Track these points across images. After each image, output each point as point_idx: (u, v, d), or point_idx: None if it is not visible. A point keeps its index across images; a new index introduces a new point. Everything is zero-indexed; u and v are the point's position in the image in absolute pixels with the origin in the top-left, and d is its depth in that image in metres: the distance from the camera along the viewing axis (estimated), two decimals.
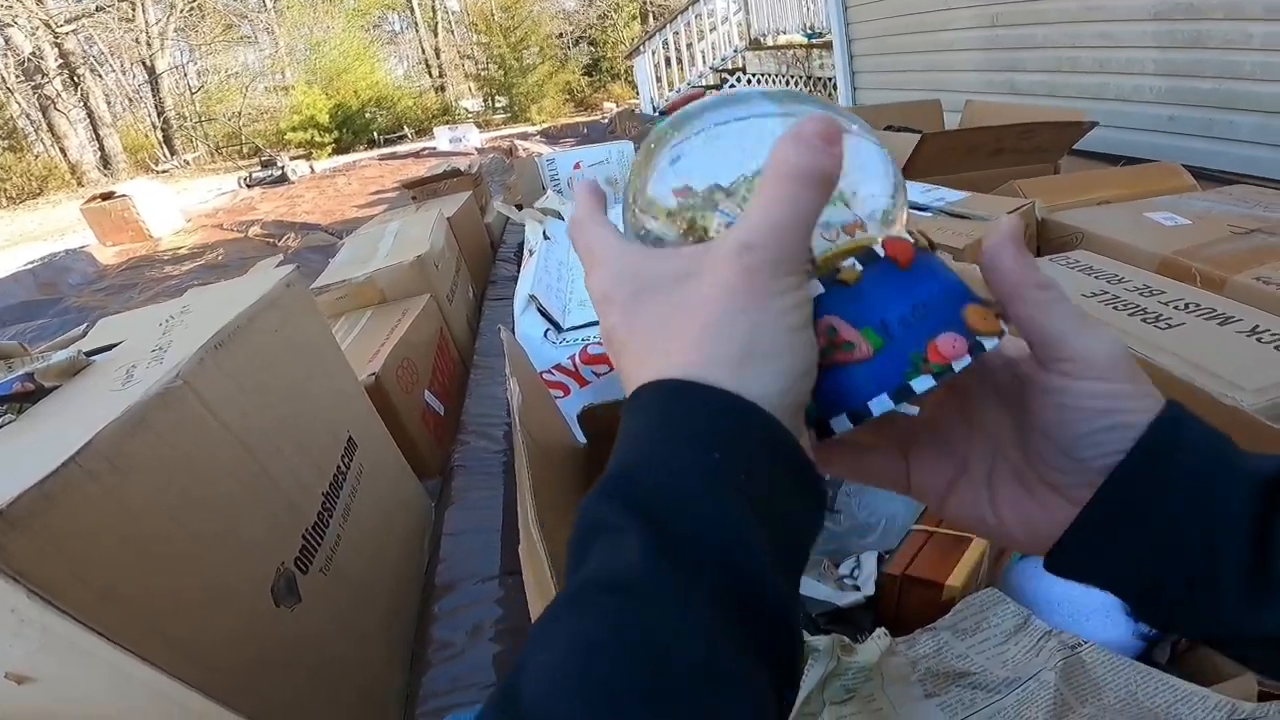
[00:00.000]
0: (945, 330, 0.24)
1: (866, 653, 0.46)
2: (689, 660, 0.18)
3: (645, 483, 0.20)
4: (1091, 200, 1.20)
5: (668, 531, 0.19)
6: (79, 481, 0.43)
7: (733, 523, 0.20)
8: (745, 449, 0.21)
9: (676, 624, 0.18)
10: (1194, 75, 2.34)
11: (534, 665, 0.18)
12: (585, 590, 0.19)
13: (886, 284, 0.25)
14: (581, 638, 0.18)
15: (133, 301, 3.34)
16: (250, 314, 0.65)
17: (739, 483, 0.20)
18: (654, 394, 0.22)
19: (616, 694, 0.17)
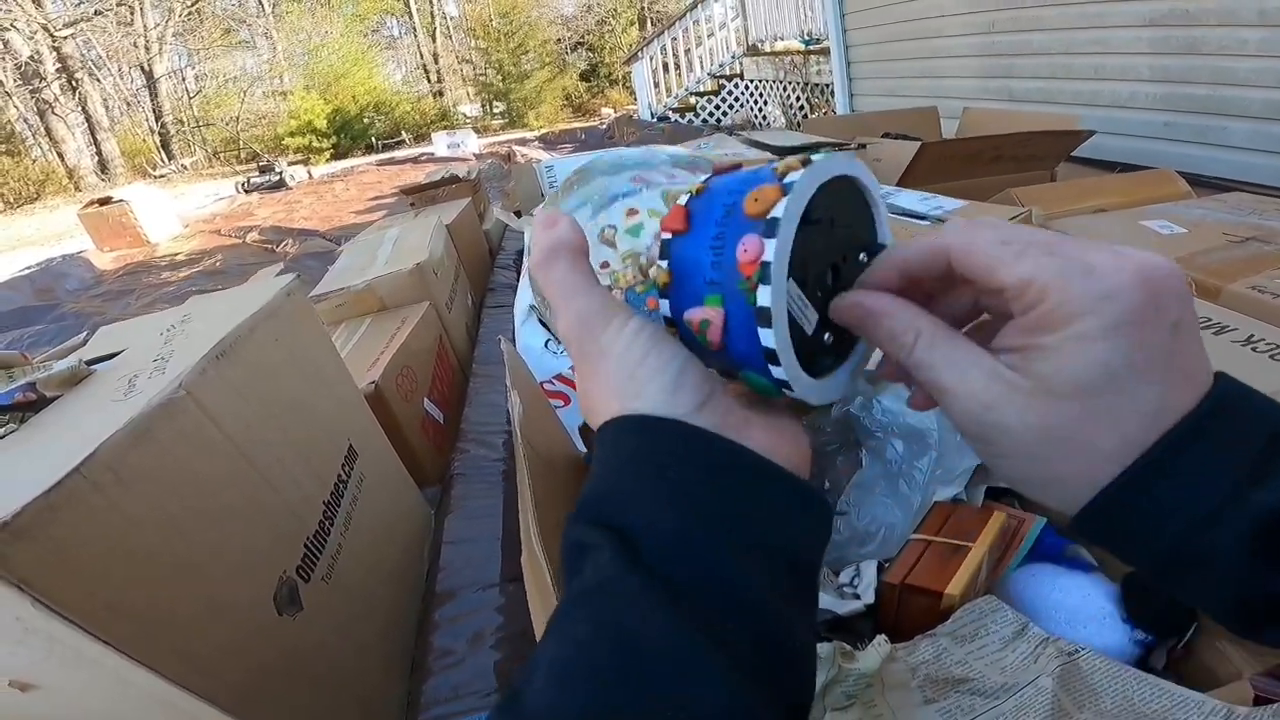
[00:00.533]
0: (737, 245, 0.25)
1: (867, 660, 0.46)
2: (656, 647, 0.20)
3: (614, 505, 0.23)
4: (1088, 208, 1.21)
5: (634, 545, 0.22)
6: (83, 492, 0.44)
7: (683, 534, 0.22)
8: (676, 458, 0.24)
9: (643, 615, 0.21)
10: (1189, 81, 2.35)
11: (536, 669, 0.21)
12: (574, 600, 0.22)
13: (684, 256, 0.26)
14: (570, 636, 0.21)
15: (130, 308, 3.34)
16: (251, 324, 0.66)
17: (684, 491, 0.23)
18: (612, 430, 0.25)
19: (597, 678, 0.20)
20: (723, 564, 0.22)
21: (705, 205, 0.26)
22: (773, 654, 0.22)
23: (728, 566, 0.22)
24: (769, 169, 0.26)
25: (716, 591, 0.21)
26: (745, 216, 0.25)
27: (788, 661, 0.22)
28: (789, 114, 6.05)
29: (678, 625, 0.21)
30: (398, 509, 0.90)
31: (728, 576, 0.22)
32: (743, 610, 0.21)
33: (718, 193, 0.26)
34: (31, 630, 0.42)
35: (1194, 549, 0.22)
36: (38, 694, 0.47)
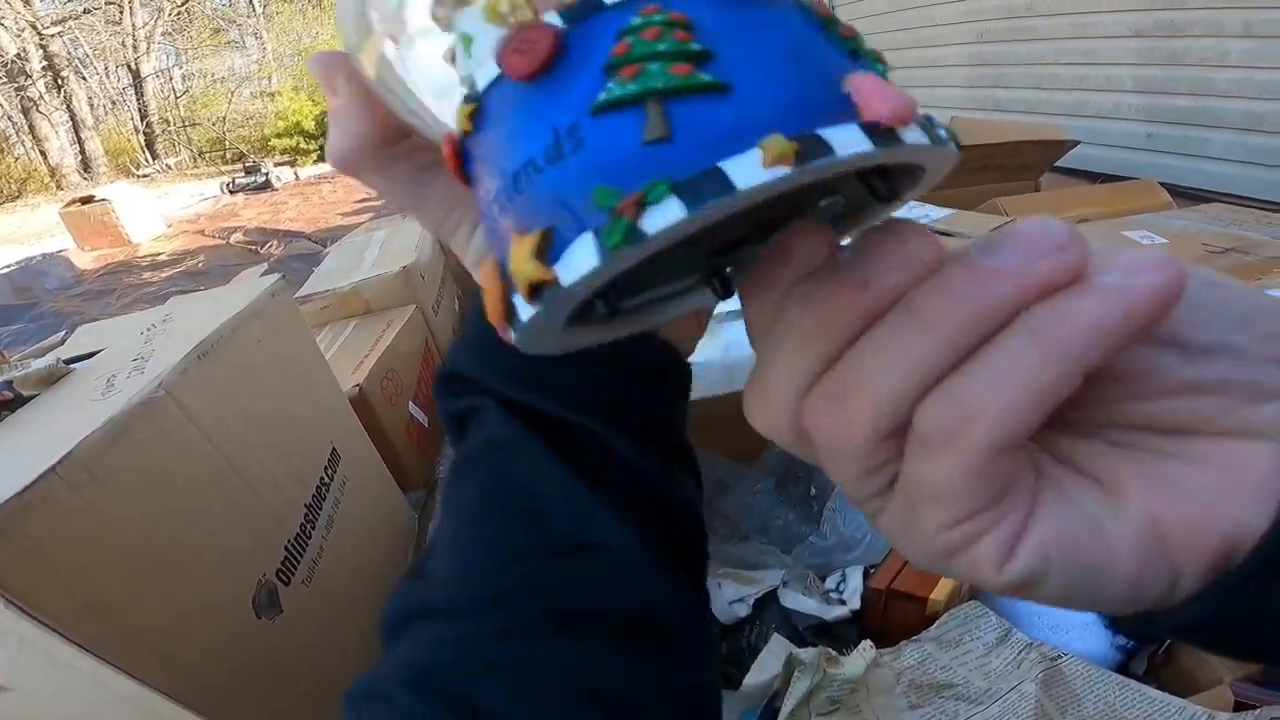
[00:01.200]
0: None
1: (852, 665, 0.46)
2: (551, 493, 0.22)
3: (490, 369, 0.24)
4: (1071, 218, 1.22)
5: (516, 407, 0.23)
6: (59, 492, 0.43)
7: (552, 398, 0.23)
8: None
9: (536, 467, 0.22)
10: (1171, 92, 2.38)
11: (441, 536, 0.23)
12: (467, 459, 0.24)
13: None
14: (469, 494, 0.23)
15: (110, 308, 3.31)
16: (234, 324, 0.65)
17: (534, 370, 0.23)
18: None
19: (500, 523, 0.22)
20: (590, 424, 0.23)
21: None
22: (649, 502, 0.23)
23: (604, 429, 0.23)
24: None
25: (595, 448, 0.23)
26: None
27: (662, 506, 0.23)
28: None
29: (566, 474, 0.22)
30: (381, 512, 0.89)
31: (604, 438, 0.23)
32: (620, 465, 0.23)
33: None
34: (4, 631, 0.41)
35: None
36: (9, 696, 0.46)
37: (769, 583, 0.58)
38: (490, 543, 0.21)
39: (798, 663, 0.45)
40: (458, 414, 0.25)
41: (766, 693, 0.45)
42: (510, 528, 0.22)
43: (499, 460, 0.23)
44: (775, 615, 0.56)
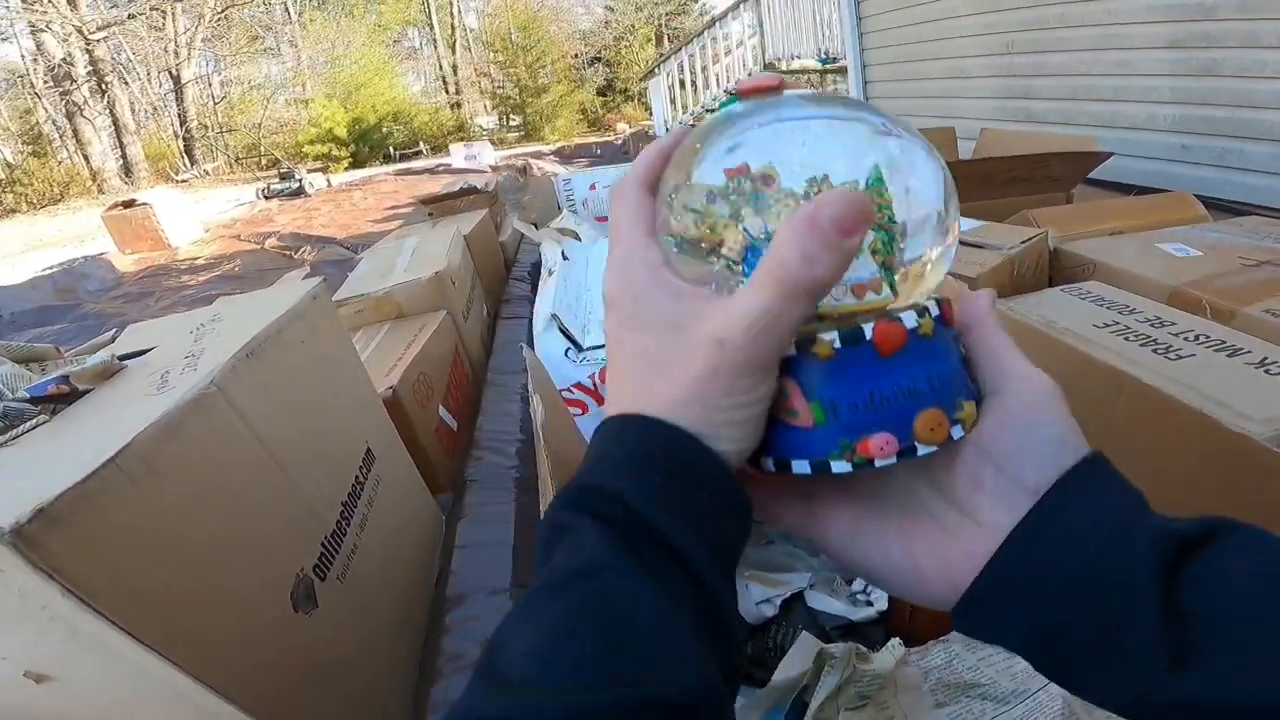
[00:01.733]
0: (884, 430, 0.25)
1: (881, 661, 0.47)
2: (644, 622, 0.22)
3: (606, 495, 0.25)
4: (1104, 230, 1.22)
5: (622, 529, 0.24)
6: (117, 482, 0.45)
7: (675, 526, 0.24)
8: (683, 477, 0.25)
9: (634, 594, 0.23)
10: (1208, 104, 2.35)
11: (518, 642, 0.22)
12: (556, 581, 0.24)
13: (856, 367, 0.26)
14: (555, 610, 0.23)
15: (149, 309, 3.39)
16: (279, 325, 0.67)
17: (674, 499, 0.25)
18: (624, 425, 0.27)
19: (588, 646, 0.21)
20: (696, 559, 0.24)
21: (910, 352, 0.26)
22: (724, 633, 0.24)
23: (700, 561, 0.24)
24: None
25: (689, 581, 0.24)
26: (914, 420, 0.26)
27: (731, 638, 0.25)
28: None
29: (662, 604, 0.23)
30: (411, 512, 0.91)
31: (698, 571, 0.24)
32: (707, 598, 0.24)
33: (926, 353, 0.26)
34: (56, 619, 0.43)
35: (1108, 558, 0.24)
36: (52, 685, 0.47)
37: (796, 584, 0.58)
38: (577, 662, 0.21)
39: (828, 657, 0.46)
40: (559, 527, 0.25)
41: (794, 688, 0.46)
42: (597, 643, 0.22)
43: (593, 584, 0.23)
44: (802, 616, 0.56)
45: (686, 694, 0.21)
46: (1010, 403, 0.27)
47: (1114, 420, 0.62)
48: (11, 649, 0.44)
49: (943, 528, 0.27)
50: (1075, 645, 0.24)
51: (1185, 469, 0.57)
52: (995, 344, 0.28)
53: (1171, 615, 0.22)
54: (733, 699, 0.25)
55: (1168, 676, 0.22)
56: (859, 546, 0.29)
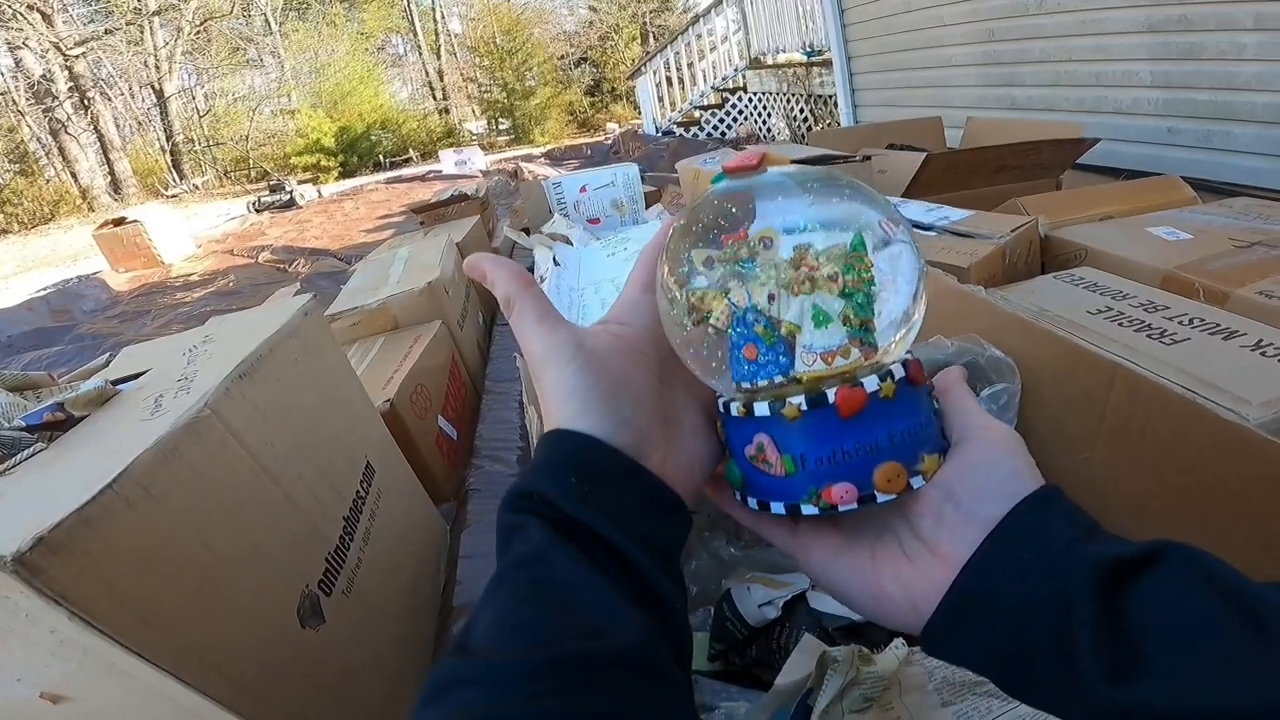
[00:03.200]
0: (847, 480, 0.30)
1: (885, 662, 0.47)
2: (584, 595, 0.27)
3: (539, 497, 0.30)
4: (1094, 216, 1.22)
5: (554, 523, 0.29)
6: (116, 508, 0.45)
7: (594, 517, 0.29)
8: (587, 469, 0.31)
9: (570, 573, 0.27)
10: (1190, 87, 2.36)
11: (479, 624, 0.27)
12: (510, 566, 0.28)
13: (821, 427, 0.30)
14: (509, 594, 0.27)
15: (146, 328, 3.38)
16: (271, 344, 0.67)
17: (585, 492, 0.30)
18: (549, 439, 0.32)
19: (538, 620, 0.26)
20: (622, 545, 0.29)
21: (869, 413, 0.30)
22: (663, 610, 0.29)
23: (625, 545, 0.29)
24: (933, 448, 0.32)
25: (620, 563, 0.29)
26: (874, 472, 0.30)
27: (672, 616, 0.29)
28: (793, 126, 6.08)
29: (594, 579, 0.27)
30: (414, 524, 0.91)
31: (626, 552, 0.29)
32: (638, 578, 0.29)
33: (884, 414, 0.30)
34: (66, 642, 0.43)
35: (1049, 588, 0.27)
36: (68, 706, 0.48)
37: (798, 586, 0.58)
38: (525, 627, 0.26)
39: (831, 660, 0.46)
40: (508, 527, 0.30)
41: (798, 692, 0.46)
42: (543, 615, 0.26)
43: (537, 568, 0.28)
44: (805, 617, 0.57)
45: (618, 644, 0.25)
46: (970, 449, 0.31)
47: (1109, 407, 0.62)
48: (26, 671, 0.45)
49: (910, 559, 0.31)
50: (1028, 665, 0.27)
51: (1183, 457, 0.57)
52: (962, 404, 0.34)
53: (1113, 631, 0.25)
54: (681, 662, 0.29)
55: (1114, 690, 0.24)
56: (836, 571, 0.33)
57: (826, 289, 0.30)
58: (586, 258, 1.46)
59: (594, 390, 0.32)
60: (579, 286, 1.30)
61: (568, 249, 1.49)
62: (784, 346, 0.31)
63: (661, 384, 0.35)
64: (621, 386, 0.33)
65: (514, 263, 0.37)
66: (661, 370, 0.35)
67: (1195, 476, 0.55)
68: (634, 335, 0.35)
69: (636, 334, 0.35)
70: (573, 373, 0.32)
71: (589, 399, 0.32)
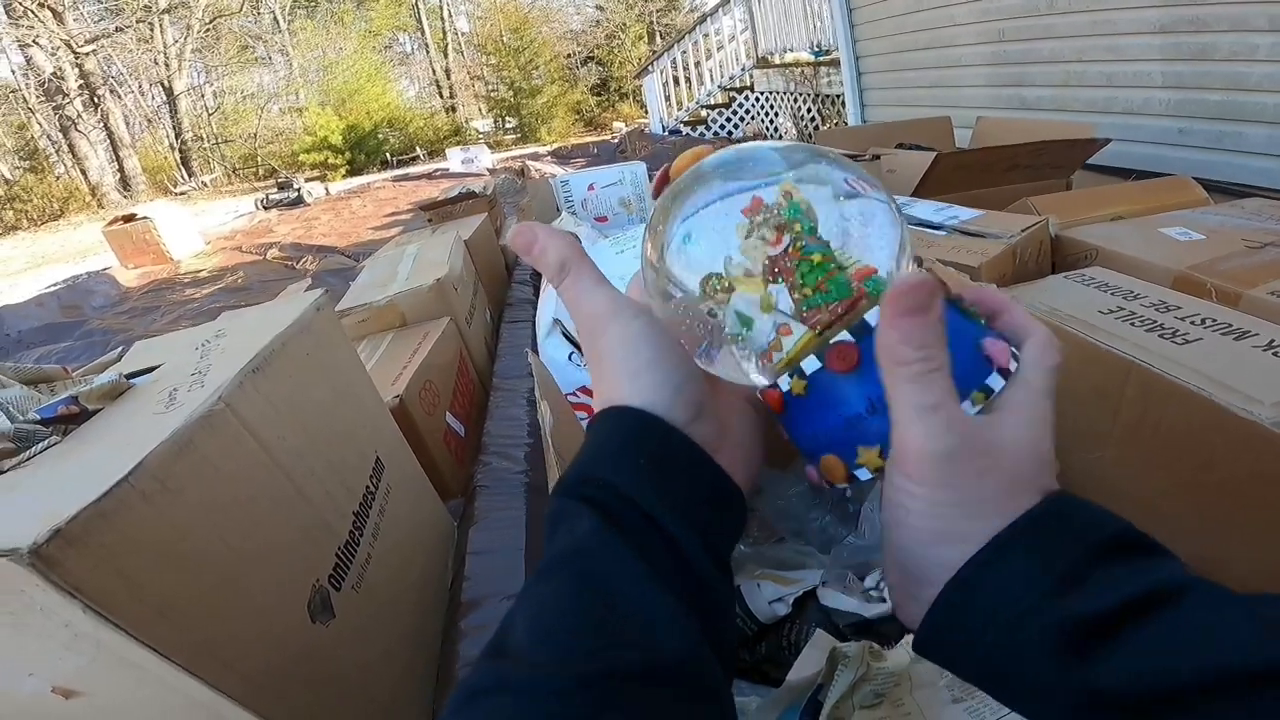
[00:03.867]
0: (813, 467, 0.31)
1: (896, 658, 0.47)
2: (630, 599, 0.25)
3: (597, 484, 0.28)
4: (1105, 216, 1.21)
5: (610, 514, 0.27)
6: (132, 501, 0.45)
7: (657, 506, 0.27)
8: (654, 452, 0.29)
9: (619, 571, 0.25)
10: (1202, 88, 2.34)
11: (519, 621, 0.25)
12: (556, 563, 0.26)
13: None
14: (552, 589, 0.26)
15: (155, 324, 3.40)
16: (284, 338, 0.67)
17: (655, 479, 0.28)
18: (611, 418, 0.30)
19: (580, 623, 0.24)
20: (685, 541, 0.27)
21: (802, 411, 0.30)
22: (715, 614, 0.27)
23: (688, 544, 0.27)
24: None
25: (677, 560, 0.27)
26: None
27: (724, 620, 0.28)
28: (800, 125, 6.07)
29: (652, 583, 0.25)
30: (423, 520, 0.91)
31: (688, 551, 0.27)
32: (694, 578, 0.27)
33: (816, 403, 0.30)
34: (80, 636, 0.43)
35: (1002, 655, 0.25)
36: (80, 701, 0.48)
37: (808, 582, 0.58)
38: (569, 632, 0.24)
39: (841, 656, 0.46)
40: (558, 515, 0.28)
41: (809, 688, 0.46)
42: (589, 621, 0.24)
43: (585, 563, 0.26)
44: (815, 614, 0.57)
45: (665, 658, 0.24)
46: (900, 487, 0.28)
47: (1122, 407, 0.62)
48: (39, 665, 0.45)
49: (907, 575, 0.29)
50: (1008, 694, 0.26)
51: (1196, 455, 0.57)
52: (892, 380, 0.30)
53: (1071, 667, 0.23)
54: (726, 665, 0.27)
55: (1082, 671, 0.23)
56: None
57: (745, 288, 0.29)
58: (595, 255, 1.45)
59: (655, 358, 0.29)
60: None
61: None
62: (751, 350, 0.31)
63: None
64: (681, 357, 0.30)
65: (565, 231, 0.35)
66: None
67: (1211, 474, 0.55)
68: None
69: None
70: (635, 333, 0.30)
71: (649, 365, 0.29)
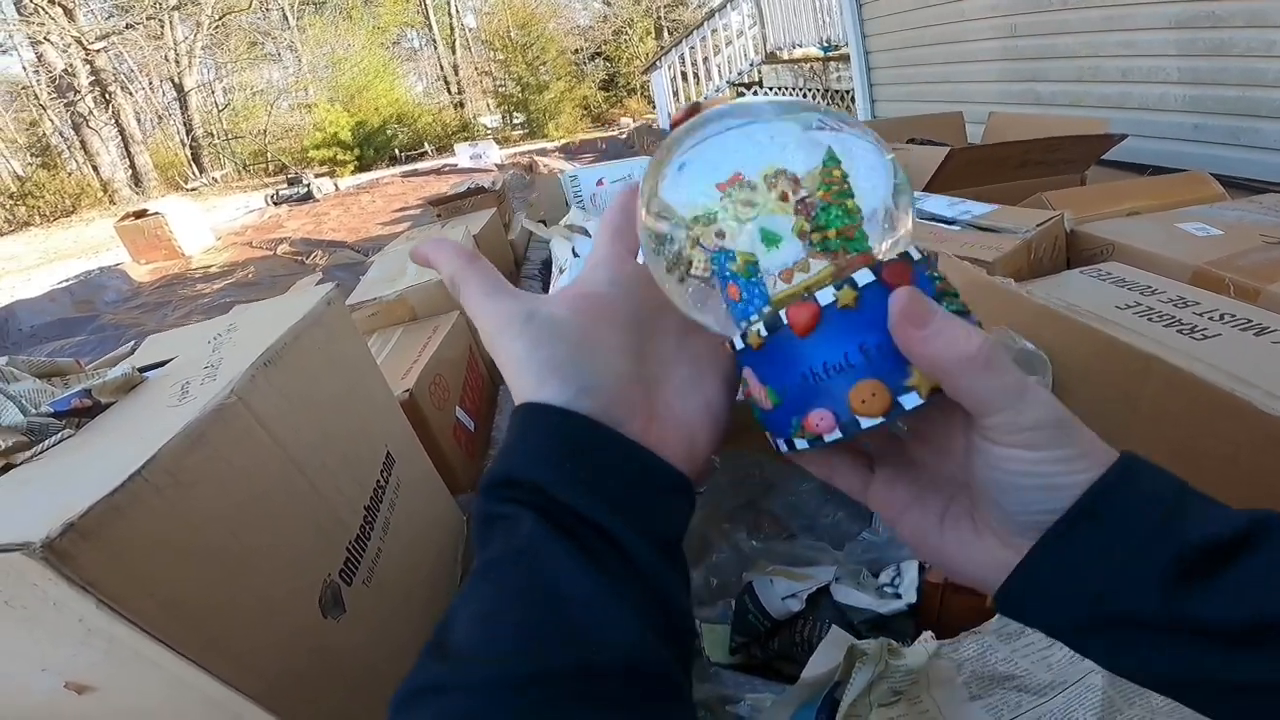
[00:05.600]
0: (820, 406, 0.27)
1: (914, 656, 0.46)
2: (579, 595, 0.24)
3: (527, 485, 0.27)
4: (1121, 211, 1.20)
5: (546, 514, 0.26)
6: (145, 494, 0.45)
7: (585, 500, 0.27)
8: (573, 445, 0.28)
9: (559, 568, 0.25)
10: (1218, 83, 2.32)
11: (458, 620, 0.25)
12: (498, 560, 0.26)
13: (784, 350, 0.27)
14: (496, 590, 0.25)
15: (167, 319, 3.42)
16: (296, 331, 0.67)
17: (582, 475, 0.27)
18: (518, 416, 0.30)
19: (527, 623, 0.24)
20: (622, 534, 0.27)
21: (830, 328, 0.26)
22: (666, 607, 0.27)
23: (626, 536, 0.27)
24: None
25: (616, 556, 0.26)
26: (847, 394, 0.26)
27: (675, 612, 0.27)
28: None
29: (596, 579, 0.25)
30: (433, 515, 0.91)
31: (627, 544, 0.26)
32: (635, 570, 0.26)
33: (849, 328, 0.26)
34: (94, 631, 0.43)
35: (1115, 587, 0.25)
36: (93, 697, 0.48)
37: (821, 578, 0.58)
38: (511, 630, 0.24)
39: (859, 654, 0.45)
40: (491, 517, 0.28)
41: (825, 685, 0.45)
42: (532, 618, 0.24)
43: (527, 563, 0.25)
44: (828, 610, 0.56)
45: (612, 657, 0.23)
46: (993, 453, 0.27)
47: (1142, 400, 0.61)
48: (52, 660, 0.45)
49: (977, 535, 0.29)
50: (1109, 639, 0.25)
51: (1221, 448, 0.56)
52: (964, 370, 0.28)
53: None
54: (681, 662, 0.27)
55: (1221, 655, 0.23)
56: (903, 524, 0.31)
57: (776, 209, 0.28)
58: None
59: (549, 360, 0.30)
60: None
61: (586, 240, 1.49)
62: (757, 276, 0.28)
63: (641, 341, 0.32)
64: (580, 351, 0.30)
65: (454, 241, 0.35)
66: (638, 326, 0.33)
67: (1235, 469, 0.54)
68: (603, 293, 0.33)
69: (606, 291, 0.33)
70: (523, 345, 0.30)
71: (542, 370, 0.30)
